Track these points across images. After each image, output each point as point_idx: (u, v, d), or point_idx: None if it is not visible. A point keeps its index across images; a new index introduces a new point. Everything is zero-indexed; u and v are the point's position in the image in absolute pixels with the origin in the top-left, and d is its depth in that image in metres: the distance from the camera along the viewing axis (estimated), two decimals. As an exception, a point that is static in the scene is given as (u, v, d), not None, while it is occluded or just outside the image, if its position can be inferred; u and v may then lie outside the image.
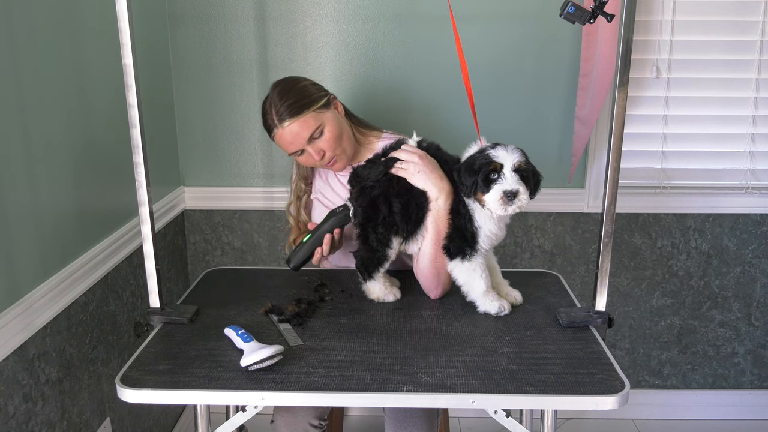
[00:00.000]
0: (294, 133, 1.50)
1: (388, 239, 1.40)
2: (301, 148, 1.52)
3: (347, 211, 1.45)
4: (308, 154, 1.53)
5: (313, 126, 1.50)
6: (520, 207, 1.31)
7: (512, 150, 1.32)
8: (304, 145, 1.52)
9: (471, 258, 1.37)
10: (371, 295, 1.46)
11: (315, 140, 1.52)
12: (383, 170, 1.38)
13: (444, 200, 1.38)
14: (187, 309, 1.40)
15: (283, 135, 1.51)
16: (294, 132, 1.50)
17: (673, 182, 2.21)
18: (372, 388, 1.12)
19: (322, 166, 1.58)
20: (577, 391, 1.12)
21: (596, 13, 1.26)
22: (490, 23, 2.06)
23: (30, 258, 1.34)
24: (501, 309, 1.39)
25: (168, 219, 2.10)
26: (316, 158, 1.52)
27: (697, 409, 2.42)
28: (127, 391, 1.12)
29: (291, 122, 1.49)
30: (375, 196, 1.38)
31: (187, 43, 2.10)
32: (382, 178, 1.38)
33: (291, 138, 1.50)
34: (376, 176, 1.38)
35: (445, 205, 1.38)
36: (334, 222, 1.49)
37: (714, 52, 2.09)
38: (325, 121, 1.52)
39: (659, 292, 2.32)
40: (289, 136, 1.50)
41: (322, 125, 1.51)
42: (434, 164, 1.39)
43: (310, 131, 1.50)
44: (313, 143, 1.52)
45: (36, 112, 1.35)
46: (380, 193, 1.38)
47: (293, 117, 1.49)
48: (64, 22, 1.46)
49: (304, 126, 1.49)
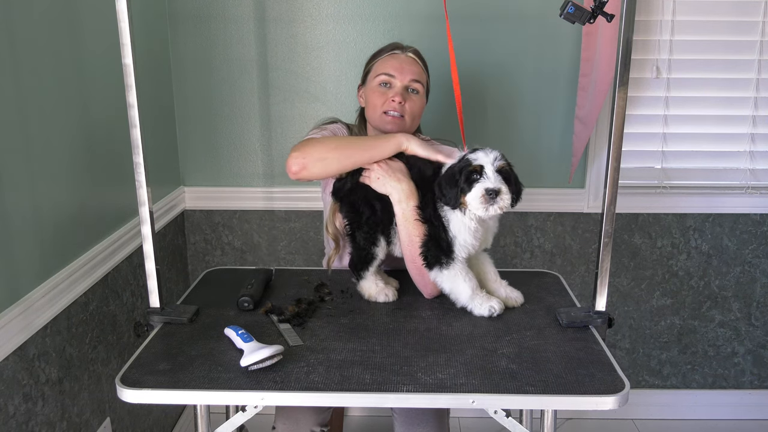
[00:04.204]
0: (408, 63, 1.57)
1: (375, 237, 1.44)
2: (397, 80, 1.55)
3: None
4: (395, 90, 1.56)
5: (420, 78, 1.58)
6: (502, 208, 1.30)
7: (491, 151, 1.32)
8: (402, 80, 1.55)
9: (449, 266, 1.37)
10: (364, 294, 1.48)
11: (408, 90, 1.57)
12: (351, 181, 1.45)
13: (406, 201, 1.39)
14: (187, 309, 1.40)
15: (399, 58, 1.57)
16: (408, 63, 1.57)
17: (673, 182, 2.21)
18: (372, 388, 1.12)
19: (388, 108, 1.56)
20: (577, 391, 1.11)
21: (596, 13, 1.26)
22: (490, 23, 2.06)
23: (30, 258, 1.34)
24: (491, 311, 1.38)
25: (168, 219, 2.10)
26: (397, 98, 1.54)
27: (697, 409, 2.43)
28: (127, 391, 1.12)
29: (414, 57, 1.59)
30: (354, 200, 1.45)
31: (187, 43, 2.10)
32: (356, 185, 1.45)
33: (402, 65, 1.56)
34: (347, 187, 1.46)
35: (408, 206, 1.39)
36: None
37: (714, 52, 2.09)
38: (421, 93, 1.60)
39: (659, 292, 2.32)
40: (404, 63, 1.57)
41: (421, 91, 1.59)
42: (393, 168, 1.42)
43: (416, 77, 1.57)
44: (405, 90, 1.57)
45: (36, 112, 1.35)
46: (359, 197, 1.44)
47: (417, 57, 1.60)
48: (64, 22, 1.46)
49: (418, 69, 1.58)
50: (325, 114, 2.13)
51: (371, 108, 1.58)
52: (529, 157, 2.17)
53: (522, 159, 1.51)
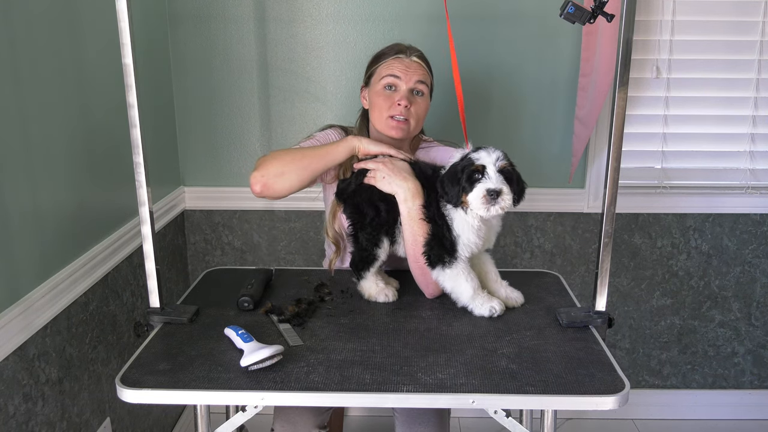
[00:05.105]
0: (413, 68, 1.56)
1: (378, 239, 1.44)
2: (403, 82, 1.55)
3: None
4: (400, 93, 1.55)
5: (425, 81, 1.57)
6: (503, 208, 1.30)
7: (493, 151, 1.32)
8: (407, 83, 1.55)
9: (451, 265, 1.37)
10: (364, 294, 1.48)
11: (413, 92, 1.57)
12: (356, 182, 1.45)
13: (412, 200, 1.39)
14: (187, 309, 1.40)
15: (405, 62, 1.57)
16: (414, 67, 1.57)
17: (673, 182, 2.21)
18: (372, 388, 1.12)
19: (394, 112, 1.55)
20: (577, 391, 1.11)
21: (596, 13, 1.26)
22: (490, 23, 2.06)
23: (30, 258, 1.34)
24: (492, 311, 1.38)
25: (168, 219, 2.10)
26: (403, 102, 1.54)
27: (697, 409, 2.42)
28: (127, 391, 1.12)
29: (419, 60, 1.58)
30: (357, 202, 1.45)
31: (187, 43, 2.10)
32: (360, 187, 1.44)
33: (407, 68, 1.56)
34: (351, 188, 1.46)
35: (414, 205, 1.39)
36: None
37: (714, 52, 2.09)
38: (426, 95, 1.60)
39: (659, 292, 2.32)
40: (410, 67, 1.56)
41: (425, 92, 1.59)
42: (398, 167, 1.42)
43: (421, 78, 1.57)
44: (410, 93, 1.57)
45: (36, 112, 1.35)
46: (363, 198, 1.44)
47: (422, 60, 1.59)
48: (64, 22, 1.46)
49: (423, 72, 1.57)
50: (325, 114, 2.14)
51: (376, 111, 1.57)
52: (529, 157, 2.17)
53: (522, 159, 1.51)
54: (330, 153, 1.47)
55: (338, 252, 1.59)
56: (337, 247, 1.59)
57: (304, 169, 1.45)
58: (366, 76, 1.63)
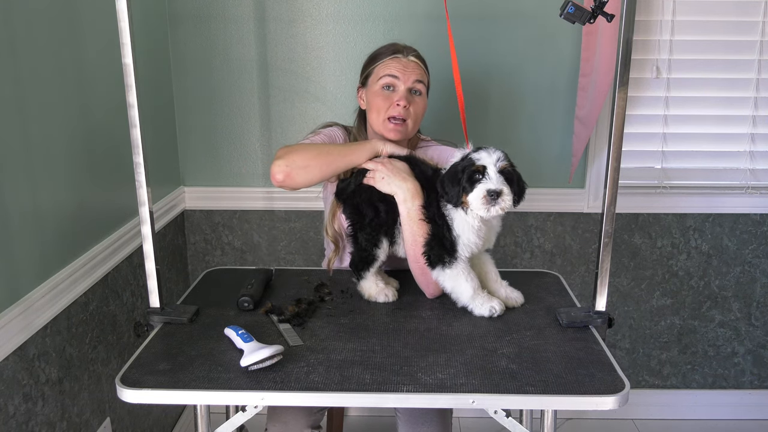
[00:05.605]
0: (411, 67, 1.56)
1: (377, 239, 1.44)
2: (401, 82, 1.55)
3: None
4: (399, 93, 1.55)
5: (422, 80, 1.57)
6: (503, 208, 1.30)
7: (494, 151, 1.32)
8: (405, 83, 1.55)
9: (452, 265, 1.37)
10: (364, 294, 1.48)
11: (411, 92, 1.57)
12: (355, 182, 1.46)
13: (411, 200, 1.39)
14: (187, 309, 1.40)
15: (402, 62, 1.56)
16: (411, 67, 1.56)
17: (673, 182, 2.21)
18: (372, 388, 1.12)
19: (393, 113, 1.55)
20: (577, 391, 1.11)
21: (596, 13, 1.26)
22: (490, 23, 2.06)
23: (30, 258, 1.34)
24: (492, 311, 1.38)
25: (168, 219, 2.10)
26: (401, 102, 1.54)
27: (697, 409, 2.43)
28: (127, 391, 1.12)
29: (416, 60, 1.58)
30: (357, 202, 1.45)
31: (187, 43, 2.10)
32: (359, 187, 1.45)
33: (405, 68, 1.55)
34: (350, 188, 1.46)
35: (413, 205, 1.39)
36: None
37: (714, 52, 2.09)
38: (424, 94, 1.60)
39: (659, 292, 2.32)
40: (407, 67, 1.56)
41: (423, 91, 1.59)
42: (397, 168, 1.42)
43: (419, 78, 1.57)
44: (408, 93, 1.57)
45: (36, 112, 1.35)
46: (363, 199, 1.44)
47: (419, 60, 1.59)
48: (64, 22, 1.46)
49: (420, 71, 1.57)
50: (325, 114, 2.14)
51: (374, 111, 1.57)
52: (529, 157, 2.17)
53: (522, 159, 1.51)
54: (353, 152, 1.48)
55: (337, 251, 1.59)
56: (336, 246, 1.59)
57: (328, 166, 1.46)
58: (363, 77, 1.63)
